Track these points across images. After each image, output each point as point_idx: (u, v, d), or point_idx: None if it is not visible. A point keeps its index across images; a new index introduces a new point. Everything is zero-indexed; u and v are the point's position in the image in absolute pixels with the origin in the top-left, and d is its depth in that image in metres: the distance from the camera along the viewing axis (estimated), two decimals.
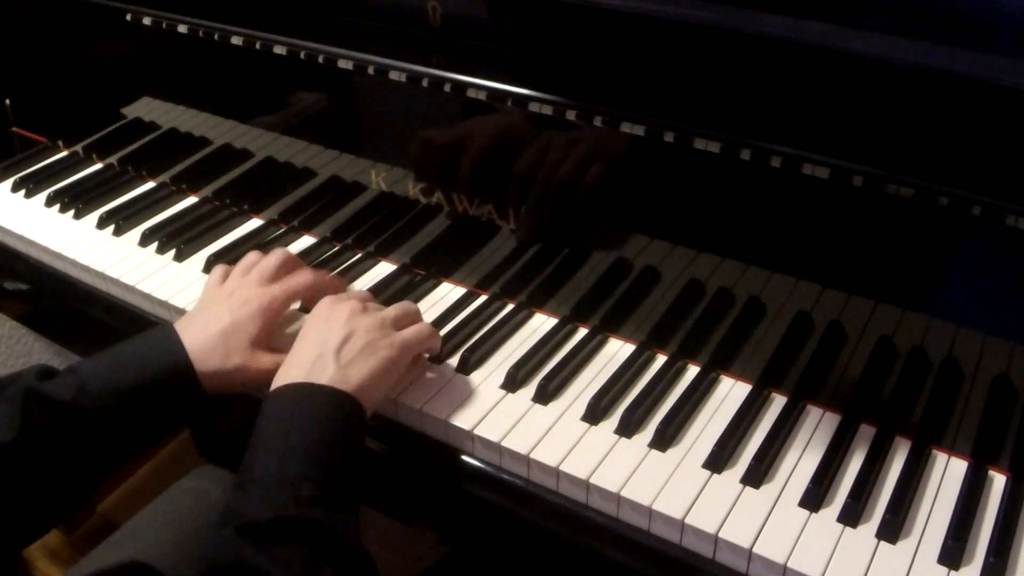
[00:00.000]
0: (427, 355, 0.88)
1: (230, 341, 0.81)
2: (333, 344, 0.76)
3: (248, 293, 0.85)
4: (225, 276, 0.90)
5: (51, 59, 1.24)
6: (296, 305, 0.93)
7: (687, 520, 0.72)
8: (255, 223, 1.11)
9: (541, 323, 0.94)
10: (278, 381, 0.76)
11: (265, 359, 0.82)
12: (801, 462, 0.77)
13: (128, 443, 0.79)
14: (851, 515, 0.72)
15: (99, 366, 0.78)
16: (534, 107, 0.84)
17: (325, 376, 0.74)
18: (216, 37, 1.01)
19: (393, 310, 0.84)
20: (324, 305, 0.82)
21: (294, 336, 0.81)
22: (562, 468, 0.76)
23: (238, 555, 0.65)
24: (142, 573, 0.94)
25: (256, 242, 1.07)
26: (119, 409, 0.76)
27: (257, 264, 0.89)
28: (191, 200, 1.16)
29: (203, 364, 0.79)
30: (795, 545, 0.70)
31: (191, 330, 0.81)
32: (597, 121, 0.81)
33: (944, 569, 0.69)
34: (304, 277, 0.89)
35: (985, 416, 0.76)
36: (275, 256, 0.90)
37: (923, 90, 0.71)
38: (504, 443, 0.79)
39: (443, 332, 0.91)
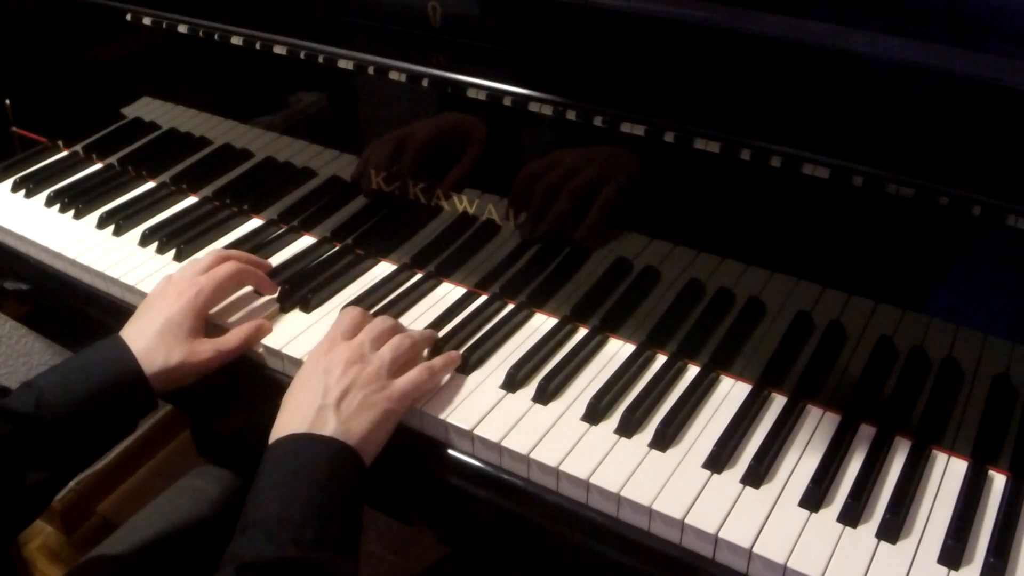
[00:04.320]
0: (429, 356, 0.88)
1: (168, 339, 0.85)
2: (333, 397, 0.76)
3: (178, 288, 0.89)
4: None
5: (51, 59, 1.24)
6: (248, 289, 0.98)
7: (687, 520, 0.72)
8: (255, 223, 1.11)
9: (541, 323, 0.94)
10: (280, 430, 0.75)
11: (204, 348, 0.86)
12: (801, 462, 0.77)
13: (86, 448, 0.82)
14: (851, 515, 0.72)
15: (54, 379, 0.81)
16: (534, 107, 0.84)
17: (328, 429, 0.74)
18: (216, 37, 1.01)
19: (389, 352, 0.81)
20: (321, 351, 0.81)
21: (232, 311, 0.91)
22: (562, 468, 0.76)
23: None
24: (142, 573, 0.94)
25: (256, 242, 1.07)
26: (76, 417, 0.79)
27: (193, 265, 0.94)
28: (191, 200, 1.16)
29: (149, 366, 0.83)
30: (795, 545, 0.70)
31: (134, 334, 0.85)
32: (597, 121, 0.81)
33: (944, 569, 0.69)
34: (228, 266, 0.93)
35: (985, 416, 0.76)
36: (209, 256, 0.94)
37: (923, 90, 0.71)
38: (504, 443, 0.79)
39: (443, 332, 0.91)
